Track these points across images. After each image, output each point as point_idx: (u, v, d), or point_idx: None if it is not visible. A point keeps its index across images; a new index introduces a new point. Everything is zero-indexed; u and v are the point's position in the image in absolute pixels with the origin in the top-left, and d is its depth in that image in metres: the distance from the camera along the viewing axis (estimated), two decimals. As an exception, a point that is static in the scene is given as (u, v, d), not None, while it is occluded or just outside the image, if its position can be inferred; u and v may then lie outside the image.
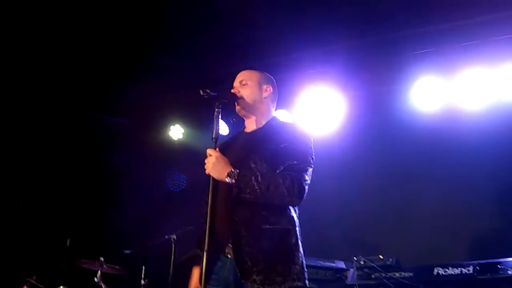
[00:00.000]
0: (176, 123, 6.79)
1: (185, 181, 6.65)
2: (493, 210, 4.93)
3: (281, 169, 2.65)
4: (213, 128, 2.74)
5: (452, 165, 5.11)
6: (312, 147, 2.79)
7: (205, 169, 2.67)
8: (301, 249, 2.69)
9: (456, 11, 4.71)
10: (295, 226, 2.71)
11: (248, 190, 2.58)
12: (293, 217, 2.72)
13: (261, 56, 5.53)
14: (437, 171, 5.22)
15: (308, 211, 2.76)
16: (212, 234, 2.56)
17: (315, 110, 5.67)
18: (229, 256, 2.66)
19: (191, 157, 6.60)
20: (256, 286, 2.53)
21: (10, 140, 6.31)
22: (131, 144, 6.85)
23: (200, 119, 6.53)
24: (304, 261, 2.68)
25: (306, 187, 2.66)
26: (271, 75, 3.11)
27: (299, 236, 2.70)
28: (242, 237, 2.59)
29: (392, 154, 5.45)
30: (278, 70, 5.28)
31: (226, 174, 2.60)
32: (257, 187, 2.57)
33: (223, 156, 2.67)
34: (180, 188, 6.59)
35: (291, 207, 2.73)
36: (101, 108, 6.72)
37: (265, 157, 2.70)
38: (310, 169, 2.72)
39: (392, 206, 5.38)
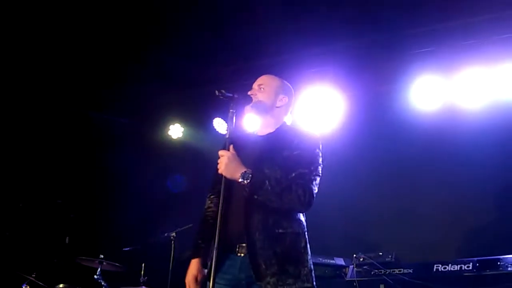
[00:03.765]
0: (176, 122, 6.81)
1: (184, 183, 6.66)
2: (493, 207, 4.95)
3: (292, 175, 2.72)
4: (226, 127, 2.81)
5: (451, 163, 5.13)
6: (321, 157, 2.87)
7: (217, 169, 2.70)
8: (309, 252, 2.79)
9: (454, 10, 4.74)
10: (304, 230, 2.81)
11: (260, 192, 2.65)
12: (302, 221, 2.82)
13: (261, 55, 5.57)
14: (437, 169, 5.24)
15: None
16: (222, 233, 2.59)
17: (315, 110, 5.68)
18: (240, 255, 2.71)
19: (190, 155, 6.64)
20: (270, 287, 2.61)
21: (11, 140, 6.32)
22: (131, 143, 6.86)
23: (199, 118, 6.55)
24: (312, 264, 2.78)
25: (315, 196, 2.74)
26: (270, 73, 3.12)
27: (307, 240, 2.80)
28: (257, 240, 2.67)
29: (392, 152, 5.47)
30: (277, 69, 5.31)
31: (239, 174, 2.66)
32: (270, 191, 2.65)
33: (236, 156, 2.72)
34: (180, 189, 6.60)
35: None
36: (101, 108, 6.72)
37: (279, 163, 2.76)
38: (319, 179, 2.80)
39: (391, 204, 5.40)
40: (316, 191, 2.76)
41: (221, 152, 2.72)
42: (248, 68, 5.53)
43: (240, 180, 2.65)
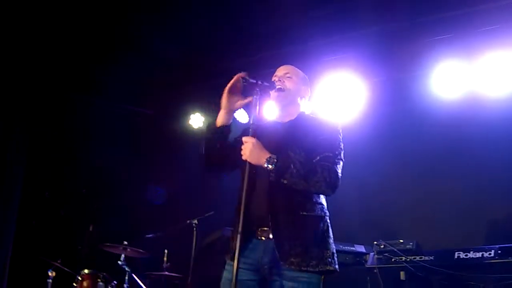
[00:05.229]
0: (197, 112, 6.85)
1: (164, 195, 6.69)
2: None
3: (317, 159, 2.76)
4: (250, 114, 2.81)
5: (473, 151, 5.08)
6: (342, 143, 2.91)
7: (241, 155, 2.71)
8: (331, 236, 2.83)
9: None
10: (326, 214, 2.86)
11: (286, 176, 2.68)
12: (324, 205, 2.86)
13: (281, 43, 5.55)
14: (458, 157, 5.19)
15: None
16: (246, 218, 2.62)
17: (336, 97, 5.67)
18: (262, 239, 2.75)
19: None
20: (293, 268, 2.66)
21: (37, 130, 6.44)
22: (154, 132, 6.94)
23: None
24: (334, 247, 2.82)
25: (340, 179, 2.77)
26: (291, 62, 3.18)
27: (329, 224, 2.84)
28: (281, 222, 2.71)
29: (413, 140, 5.44)
30: (298, 56, 5.31)
31: (264, 159, 2.69)
32: (296, 174, 2.67)
33: (259, 142, 2.73)
34: (160, 201, 6.65)
35: (322, 196, 2.86)
36: (125, 99, 6.78)
37: (304, 147, 2.80)
38: (342, 163, 2.83)
39: (412, 191, 5.37)
40: (341, 175, 2.78)
41: (245, 139, 2.74)
42: (269, 57, 5.53)
43: (265, 165, 2.68)
